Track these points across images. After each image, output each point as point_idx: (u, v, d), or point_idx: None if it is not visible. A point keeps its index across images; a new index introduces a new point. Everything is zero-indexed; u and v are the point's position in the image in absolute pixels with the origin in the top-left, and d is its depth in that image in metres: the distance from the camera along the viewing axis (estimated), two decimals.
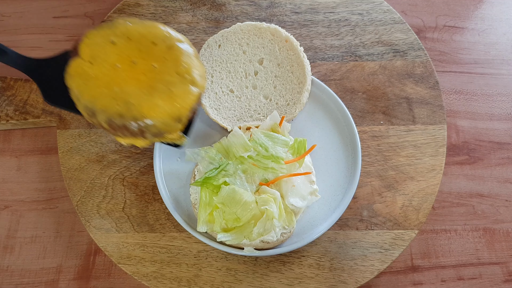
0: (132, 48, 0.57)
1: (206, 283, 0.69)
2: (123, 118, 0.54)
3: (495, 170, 0.81)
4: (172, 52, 0.57)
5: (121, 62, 0.56)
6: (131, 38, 0.57)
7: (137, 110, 0.54)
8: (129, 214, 0.73)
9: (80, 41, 0.57)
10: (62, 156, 0.77)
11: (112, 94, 0.54)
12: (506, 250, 0.75)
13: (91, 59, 0.56)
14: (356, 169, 0.74)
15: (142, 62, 0.56)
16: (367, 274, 0.69)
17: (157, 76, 0.56)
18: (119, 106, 0.54)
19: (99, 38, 0.57)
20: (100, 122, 0.55)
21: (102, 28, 0.58)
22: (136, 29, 0.58)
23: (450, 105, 0.86)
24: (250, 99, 0.77)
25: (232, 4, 0.91)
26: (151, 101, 0.54)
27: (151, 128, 0.55)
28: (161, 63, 0.56)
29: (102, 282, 0.72)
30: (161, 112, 0.54)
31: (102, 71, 0.55)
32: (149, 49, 0.57)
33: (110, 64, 0.56)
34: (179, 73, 0.56)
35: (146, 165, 0.77)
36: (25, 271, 0.72)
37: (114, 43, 0.57)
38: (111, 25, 0.58)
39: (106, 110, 0.54)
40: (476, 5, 0.96)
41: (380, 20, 0.89)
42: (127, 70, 0.56)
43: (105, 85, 0.54)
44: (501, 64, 0.90)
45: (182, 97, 0.56)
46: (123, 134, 0.55)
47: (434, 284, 0.72)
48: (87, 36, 0.58)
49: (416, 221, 0.73)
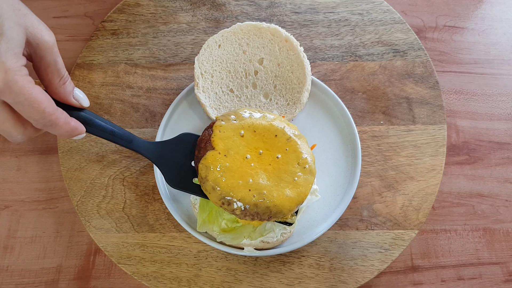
0: (258, 140, 0.62)
1: (206, 283, 0.69)
2: (257, 208, 0.59)
3: (495, 170, 0.81)
4: (291, 143, 0.62)
5: (250, 154, 0.61)
6: (256, 131, 0.63)
7: (270, 200, 0.59)
8: (129, 214, 0.73)
9: (212, 134, 0.62)
10: (62, 156, 0.77)
11: (248, 186, 0.59)
12: (506, 250, 0.75)
13: (225, 152, 0.61)
14: (356, 169, 0.74)
15: (267, 153, 0.62)
16: (367, 274, 0.69)
17: (281, 167, 0.61)
18: (255, 198, 0.58)
19: (230, 132, 0.62)
20: (234, 210, 0.59)
21: (229, 121, 0.63)
22: (260, 123, 0.63)
23: (450, 105, 0.86)
24: (250, 99, 0.77)
25: (232, 4, 0.91)
26: (281, 191, 0.59)
27: (278, 215, 0.60)
28: (283, 153, 0.62)
29: (102, 282, 0.72)
30: (289, 201, 0.60)
31: (236, 163, 0.60)
32: (272, 140, 0.62)
33: (242, 155, 0.61)
34: (299, 163, 0.61)
35: (146, 165, 0.77)
36: (25, 271, 0.72)
37: (243, 136, 0.62)
38: (238, 117, 0.64)
39: (243, 201, 0.59)
40: (476, 5, 0.96)
41: (380, 20, 0.89)
42: (256, 161, 0.61)
43: (240, 177, 0.59)
44: (501, 64, 0.89)
45: (305, 187, 0.61)
46: (252, 219, 0.60)
47: (434, 284, 0.72)
48: (219, 129, 0.62)
49: (416, 221, 0.73)
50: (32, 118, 0.49)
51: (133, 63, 0.85)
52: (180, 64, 0.85)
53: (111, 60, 0.86)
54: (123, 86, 0.83)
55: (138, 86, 0.83)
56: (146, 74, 0.85)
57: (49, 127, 0.51)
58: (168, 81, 0.84)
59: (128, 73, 0.85)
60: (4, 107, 0.48)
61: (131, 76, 0.84)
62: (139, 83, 0.84)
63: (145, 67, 0.85)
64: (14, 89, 0.46)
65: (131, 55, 0.86)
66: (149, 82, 0.84)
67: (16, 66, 0.46)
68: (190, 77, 0.84)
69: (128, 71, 0.85)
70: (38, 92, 0.48)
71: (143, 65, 0.85)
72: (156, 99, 0.82)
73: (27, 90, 0.47)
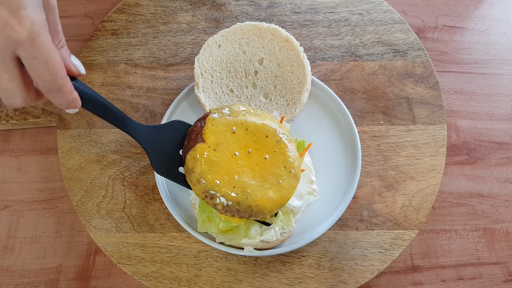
0: (249, 138, 0.62)
1: (206, 283, 0.69)
2: (239, 205, 0.59)
3: (495, 170, 0.81)
4: (280, 146, 0.62)
5: (239, 151, 0.61)
6: (248, 129, 0.62)
7: (252, 200, 0.59)
8: (129, 214, 0.73)
9: (205, 127, 0.62)
10: (62, 156, 0.77)
11: (233, 182, 0.59)
12: (506, 250, 0.75)
13: (215, 146, 0.61)
14: (356, 169, 0.74)
15: (256, 153, 0.62)
16: (367, 274, 0.69)
17: (268, 168, 0.61)
18: (238, 195, 0.59)
19: (222, 127, 0.62)
20: (216, 205, 0.59)
21: (223, 116, 0.63)
22: (252, 122, 0.63)
23: (450, 105, 0.86)
24: (250, 99, 0.77)
25: (232, 4, 0.91)
26: (264, 192, 0.60)
27: (258, 215, 0.60)
28: (272, 155, 0.62)
29: (102, 282, 0.72)
30: (271, 203, 0.60)
31: (224, 159, 0.60)
32: (262, 140, 0.62)
33: (231, 152, 0.61)
34: (286, 167, 0.61)
35: (146, 165, 0.77)
36: (25, 271, 0.72)
37: (234, 132, 0.62)
38: (232, 113, 0.63)
39: (226, 196, 0.59)
40: (476, 5, 0.96)
41: (380, 20, 0.89)
42: (244, 159, 0.61)
43: (226, 173, 0.59)
44: (501, 64, 0.89)
45: (288, 190, 0.61)
46: (232, 216, 0.60)
47: (434, 284, 0.72)
48: (212, 122, 0.62)
49: (416, 221, 0.73)
50: (41, 78, 0.46)
51: (133, 63, 0.85)
52: (180, 64, 0.85)
53: (111, 60, 0.86)
54: (123, 86, 0.83)
55: (138, 86, 0.83)
56: (146, 74, 0.85)
57: (55, 93, 0.48)
58: (168, 81, 0.84)
59: (128, 73, 0.85)
60: (15, 63, 0.45)
61: (131, 76, 0.84)
62: (139, 83, 0.84)
63: (145, 67, 0.85)
64: (36, 42, 0.43)
65: (131, 55, 0.86)
66: (149, 82, 0.84)
67: (41, 19, 0.44)
68: (190, 77, 0.84)
69: (128, 71, 0.85)
70: (56, 53, 0.46)
71: (143, 65, 0.85)
72: (156, 99, 0.82)
73: (47, 47, 0.44)
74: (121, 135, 0.79)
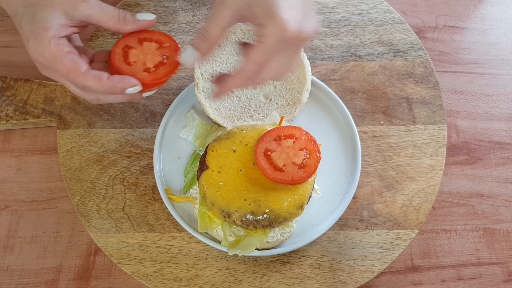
0: (250, 152, 0.65)
1: (206, 283, 0.69)
2: (254, 215, 0.61)
3: (495, 170, 0.81)
4: None
5: (243, 167, 0.64)
6: (247, 144, 0.65)
7: (266, 206, 0.61)
8: (129, 214, 0.73)
9: (206, 155, 0.65)
10: (62, 156, 0.77)
11: (243, 196, 0.62)
12: (506, 250, 0.75)
13: (219, 169, 0.64)
14: (356, 169, 0.74)
15: None
16: (367, 274, 0.69)
17: None
18: (251, 206, 0.61)
19: (222, 150, 0.65)
20: (235, 221, 0.61)
21: (221, 140, 0.66)
22: (250, 135, 0.66)
23: (450, 105, 0.86)
24: (250, 99, 0.77)
25: None
26: (276, 197, 0.62)
27: (278, 219, 0.61)
28: None
29: (102, 282, 0.72)
30: (286, 204, 0.61)
31: (229, 177, 0.63)
32: None
33: (235, 170, 0.64)
34: None
35: (146, 165, 0.77)
36: (25, 271, 0.72)
37: (235, 151, 0.65)
38: (229, 135, 0.67)
39: (240, 211, 0.61)
40: (476, 5, 0.96)
41: (380, 20, 0.89)
42: (249, 172, 0.63)
43: (234, 189, 0.62)
44: (501, 64, 0.89)
45: (302, 188, 0.63)
46: (254, 228, 0.62)
47: (434, 284, 0.72)
48: (212, 149, 0.66)
49: (416, 221, 0.73)
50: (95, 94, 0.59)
51: None
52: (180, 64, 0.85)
53: None
54: None
55: None
56: None
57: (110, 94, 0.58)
58: (168, 81, 0.84)
59: None
60: None
61: None
62: None
63: None
64: None
65: None
66: None
67: None
68: (190, 77, 0.84)
69: None
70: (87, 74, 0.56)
71: None
72: (156, 99, 0.82)
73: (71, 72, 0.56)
74: (121, 135, 0.79)
